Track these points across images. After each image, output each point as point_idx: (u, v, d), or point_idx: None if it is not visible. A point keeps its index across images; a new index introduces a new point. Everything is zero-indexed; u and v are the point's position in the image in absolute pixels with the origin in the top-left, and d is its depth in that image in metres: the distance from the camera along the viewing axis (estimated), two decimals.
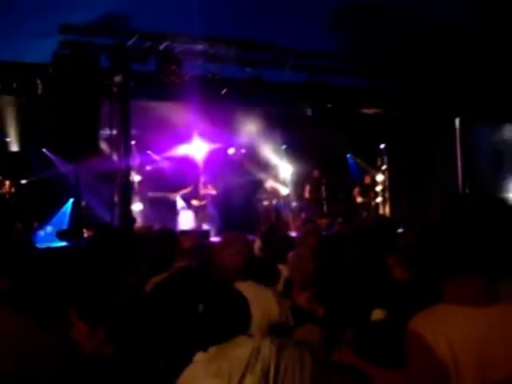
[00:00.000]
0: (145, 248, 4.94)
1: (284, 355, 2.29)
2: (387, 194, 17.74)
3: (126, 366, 2.70)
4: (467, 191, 15.49)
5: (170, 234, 4.83)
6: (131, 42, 10.62)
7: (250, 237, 7.29)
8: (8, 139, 13.53)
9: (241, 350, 2.29)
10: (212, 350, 2.34)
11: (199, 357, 2.34)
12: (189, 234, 4.67)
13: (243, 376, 2.23)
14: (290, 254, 4.94)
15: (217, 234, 13.21)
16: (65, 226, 12.82)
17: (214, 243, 4.82)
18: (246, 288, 3.11)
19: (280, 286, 4.62)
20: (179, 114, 13.14)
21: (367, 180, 16.99)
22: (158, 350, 2.86)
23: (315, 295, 3.82)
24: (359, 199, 16.62)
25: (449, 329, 2.19)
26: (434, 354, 2.16)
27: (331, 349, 3.12)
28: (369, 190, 16.93)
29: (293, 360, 2.28)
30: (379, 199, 17.66)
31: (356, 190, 16.61)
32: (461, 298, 2.22)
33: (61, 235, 11.22)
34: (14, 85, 11.49)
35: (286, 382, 2.24)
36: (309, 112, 13.97)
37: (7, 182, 12.68)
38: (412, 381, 2.23)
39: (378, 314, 3.03)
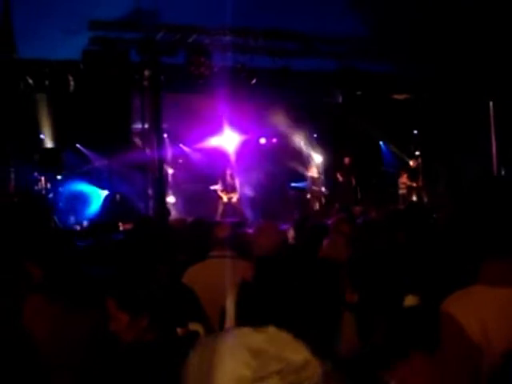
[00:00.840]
0: (180, 239, 4.99)
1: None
2: (421, 181, 17.59)
3: (168, 352, 2.73)
4: (503, 174, 15.30)
5: (204, 225, 4.88)
6: (160, 35, 10.70)
7: (284, 226, 7.30)
8: (42, 136, 13.72)
9: (292, 353, 2.22)
10: (269, 330, 2.27)
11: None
12: (223, 225, 4.70)
13: (274, 374, 2.13)
14: (325, 242, 4.94)
15: (252, 225, 13.23)
16: (100, 221, 12.98)
17: (248, 233, 4.83)
18: None
19: None
20: (210, 105, 13.19)
21: (414, 164, 16.78)
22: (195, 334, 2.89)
23: (349, 283, 3.82)
24: (411, 183, 16.46)
25: (482, 310, 2.17)
26: (467, 335, 2.14)
27: (365, 337, 3.13)
28: (417, 174, 16.70)
29: None
30: (414, 185, 17.53)
31: (404, 176, 16.44)
32: (495, 280, 2.19)
33: (96, 229, 11.35)
34: (47, 82, 11.66)
35: None
36: (339, 99, 13.90)
37: (42, 178, 12.88)
38: (445, 361, 2.22)
39: (410, 301, 3.01)
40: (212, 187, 15.16)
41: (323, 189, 16.12)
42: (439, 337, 2.22)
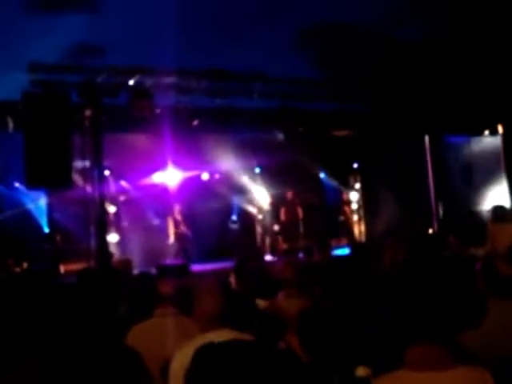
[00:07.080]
0: (124, 293, 4.95)
1: None
2: (361, 212, 17.98)
3: None
4: (440, 206, 15.72)
5: (148, 279, 4.86)
6: (101, 78, 10.66)
7: (226, 263, 7.18)
8: None
9: None
10: None
11: None
12: (167, 278, 4.66)
13: None
14: (280, 294, 4.90)
15: (194, 261, 13.23)
16: (41, 263, 12.70)
17: (193, 287, 4.75)
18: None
19: None
20: (153, 144, 13.19)
21: (352, 197, 17.47)
22: None
23: (299, 340, 3.74)
24: (350, 216, 17.09)
25: None
26: None
27: None
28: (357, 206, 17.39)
29: None
30: (355, 217, 17.92)
31: (344, 208, 17.06)
32: (418, 364, 2.34)
33: (37, 272, 11.11)
34: None
35: None
36: (280, 137, 14.11)
37: None
38: None
39: (361, 371, 3.06)
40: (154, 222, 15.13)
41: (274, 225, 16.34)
42: None
